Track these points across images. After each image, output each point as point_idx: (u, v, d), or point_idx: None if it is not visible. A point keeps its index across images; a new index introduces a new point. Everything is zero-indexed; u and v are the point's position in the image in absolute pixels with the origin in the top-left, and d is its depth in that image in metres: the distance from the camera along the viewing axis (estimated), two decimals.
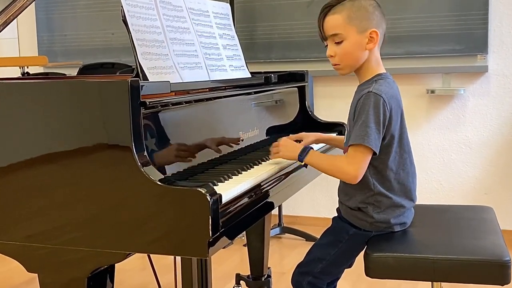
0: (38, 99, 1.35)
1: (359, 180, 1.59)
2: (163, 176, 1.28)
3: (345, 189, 1.70)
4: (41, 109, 1.34)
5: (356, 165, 1.56)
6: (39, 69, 4.00)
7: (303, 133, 1.93)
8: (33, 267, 1.42)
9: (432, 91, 3.40)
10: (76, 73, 3.14)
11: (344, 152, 1.70)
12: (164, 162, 1.42)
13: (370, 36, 1.60)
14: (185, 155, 1.52)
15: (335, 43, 1.63)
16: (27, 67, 3.35)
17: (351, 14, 1.60)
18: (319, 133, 1.99)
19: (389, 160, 1.63)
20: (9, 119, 1.37)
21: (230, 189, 1.38)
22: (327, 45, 1.67)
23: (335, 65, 1.66)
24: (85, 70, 3.16)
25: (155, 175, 1.26)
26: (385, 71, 1.67)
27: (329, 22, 1.63)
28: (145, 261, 2.98)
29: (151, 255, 1.73)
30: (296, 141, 1.82)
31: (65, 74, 3.32)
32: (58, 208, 1.34)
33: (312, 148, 1.68)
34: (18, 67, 3.41)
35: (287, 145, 1.70)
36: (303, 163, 1.66)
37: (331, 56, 1.65)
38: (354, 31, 1.60)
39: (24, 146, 1.36)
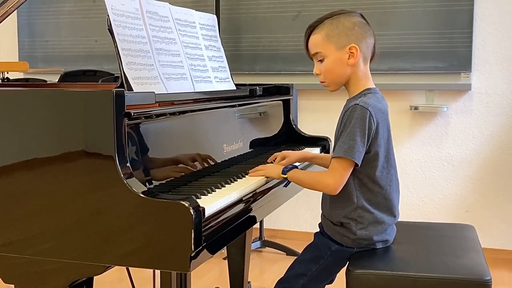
0: (21, 107, 1.34)
1: (339, 191, 1.62)
2: (146, 188, 1.28)
3: (328, 203, 1.71)
4: (24, 117, 1.33)
5: (336, 177, 1.60)
6: (19, 75, 3.97)
7: (287, 151, 1.95)
8: (9, 277, 1.40)
9: (416, 108, 3.44)
10: (57, 80, 3.12)
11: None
12: (147, 174, 1.41)
13: (350, 52, 1.64)
14: (168, 167, 1.52)
15: (319, 61, 1.69)
16: (7, 73, 3.32)
17: (329, 32, 1.66)
18: (303, 152, 2.03)
19: (376, 175, 1.65)
20: None
21: (213, 202, 1.38)
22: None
23: (322, 82, 1.71)
24: (67, 77, 3.14)
25: (138, 187, 1.26)
26: (374, 86, 1.70)
27: (311, 42, 1.70)
28: (123, 273, 2.95)
29: (130, 267, 1.71)
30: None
31: (45, 81, 3.30)
32: (36, 217, 1.33)
33: (296, 167, 1.73)
34: None
35: (273, 165, 1.78)
36: (285, 176, 1.69)
37: (317, 74, 1.71)
38: (333, 48, 1.65)
39: (4, 153, 1.35)
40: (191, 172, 1.61)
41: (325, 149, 2.36)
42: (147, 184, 1.38)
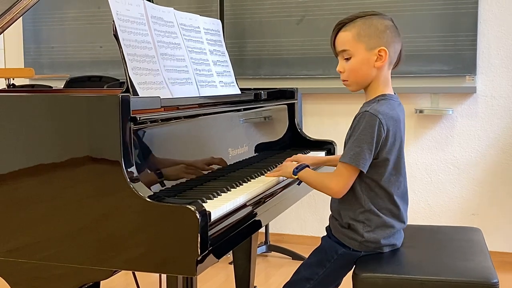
0: (27, 113, 1.35)
1: (342, 195, 1.63)
2: (152, 193, 1.28)
3: (337, 203, 1.71)
4: (30, 122, 1.34)
5: (340, 182, 1.61)
6: (25, 81, 3.98)
7: (300, 155, 1.99)
8: (15, 283, 1.40)
9: (421, 111, 3.43)
10: (62, 86, 3.13)
11: None
12: (153, 178, 1.41)
13: (379, 54, 1.62)
14: (173, 171, 1.52)
15: (345, 59, 1.67)
16: (13, 79, 3.34)
17: (360, 32, 1.63)
18: (316, 156, 2.05)
19: (382, 181, 1.64)
20: None
21: (219, 206, 1.39)
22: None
23: (344, 81, 1.70)
24: (72, 83, 3.16)
25: (144, 191, 1.26)
26: (391, 93, 1.69)
27: (340, 38, 1.67)
28: (129, 278, 2.95)
29: (136, 272, 1.71)
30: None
31: (51, 87, 3.31)
32: (43, 223, 1.33)
33: (308, 166, 1.74)
34: (3, 79, 3.39)
35: (288, 164, 1.82)
36: (296, 176, 1.71)
37: (340, 72, 1.69)
38: (362, 48, 1.63)
39: (9, 159, 1.36)
40: (196, 176, 1.61)
41: (330, 153, 2.36)
42: (153, 188, 1.38)
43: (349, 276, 1.68)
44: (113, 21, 1.53)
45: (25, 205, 1.35)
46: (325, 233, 1.78)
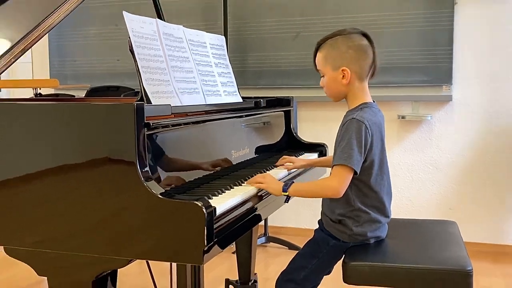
0: (53, 119, 1.35)
1: (343, 193, 1.59)
2: (163, 190, 1.28)
3: (328, 203, 1.71)
4: (56, 128, 1.34)
5: (339, 180, 1.57)
6: (50, 91, 3.99)
7: (294, 157, 2.00)
8: (42, 270, 1.40)
9: (403, 117, 3.44)
10: (84, 95, 3.13)
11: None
12: (164, 177, 1.41)
13: (343, 73, 1.64)
14: (183, 171, 1.52)
15: (321, 76, 1.71)
16: (40, 89, 3.34)
17: (327, 54, 1.67)
18: (308, 158, 2.04)
19: (370, 181, 1.64)
20: (24, 136, 1.36)
21: (223, 202, 1.39)
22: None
23: (326, 93, 1.73)
24: (93, 92, 3.16)
25: (156, 189, 1.26)
26: (371, 100, 1.69)
27: (316, 59, 1.71)
28: (143, 266, 2.95)
29: (149, 261, 1.71)
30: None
31: (74, 96, 3.31)
32: (66, 217, 1.33)
33: (293, 182, 1.65)
34: (31, 89, 3.40)
35: (272, 179, 1.66)
36: (287, 193, 1.62)
37: (322, 86, 1.72)
38: (329, 68, 1.67)
39: (36, 159, 1.36)
40: (203, 175, 1.61)
41: (322, 154, 2.36)
42: (164, 186, 1.38)
43: (339, 264, 1.68)
44: (129, 37, 1.53)
45: (51, 201, 1.35)
46: (317, 226, 1.78)
